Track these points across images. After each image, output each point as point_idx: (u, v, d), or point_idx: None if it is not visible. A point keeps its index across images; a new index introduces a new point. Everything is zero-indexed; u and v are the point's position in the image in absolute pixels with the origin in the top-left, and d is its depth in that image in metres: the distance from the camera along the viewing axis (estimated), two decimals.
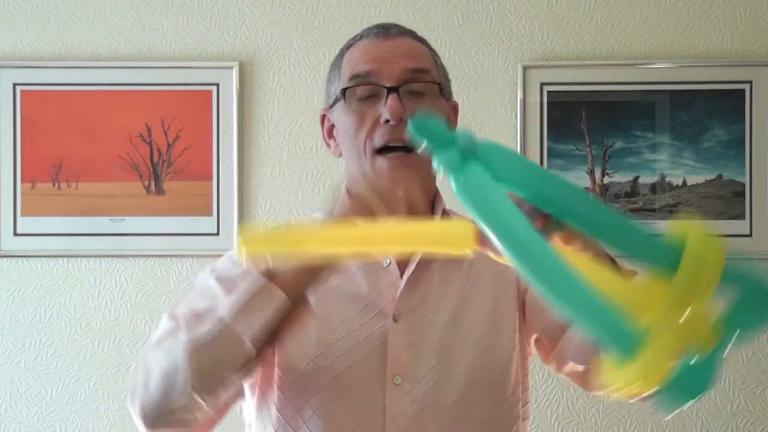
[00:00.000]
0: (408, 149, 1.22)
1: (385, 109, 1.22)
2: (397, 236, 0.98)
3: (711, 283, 0.82)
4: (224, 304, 1.10)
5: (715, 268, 0.82)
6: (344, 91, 1.27)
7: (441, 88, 1.28)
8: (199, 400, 1.10)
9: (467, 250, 0.93)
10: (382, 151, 1.24)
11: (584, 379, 1.26)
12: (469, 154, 0.85)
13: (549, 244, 0.85)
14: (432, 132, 0.86)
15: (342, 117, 1.28)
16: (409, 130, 0.87)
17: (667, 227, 0.86)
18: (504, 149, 0.89)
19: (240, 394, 1.21)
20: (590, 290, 0.82)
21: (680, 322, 0.82)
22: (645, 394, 0.83)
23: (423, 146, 0.86)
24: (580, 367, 1.24)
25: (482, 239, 0.89)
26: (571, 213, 0.86)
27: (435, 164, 0.86)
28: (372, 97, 1.25)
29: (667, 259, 0.82)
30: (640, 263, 0.85)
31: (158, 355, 1.13)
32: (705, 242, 0.82)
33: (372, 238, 0.99)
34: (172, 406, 1.11)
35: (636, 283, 0.88)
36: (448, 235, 0.95)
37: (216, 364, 1.08)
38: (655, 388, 0.81)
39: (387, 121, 1.22)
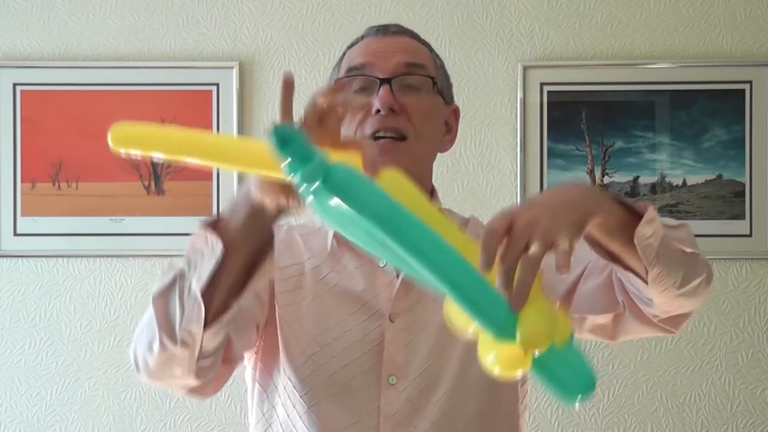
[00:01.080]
0: (399, 138, 1.23)
1: (377, 99, 1.24)
2: (224, 149, 0.94)
3: (542, 348, 0.85)
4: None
5: (545, 340, 0.85)
6: (339, 80, 1.28)
7: (435, 82, 1.29)
8: (175, 351, 1.07)
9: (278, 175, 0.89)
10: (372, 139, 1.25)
11: (608, 331, 1.25)
12: (323, 173, 0.85)
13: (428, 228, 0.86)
14: (295, 143, 0.85)
15: None
16: (271, 137, 0.85)
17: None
18: (357, 176, 0.87)
19: (233, 361, 1.18)
20: (476, 275, 0.86)
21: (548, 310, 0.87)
22: (516, 372, 0.87)
23: (280, 155, 0.85)
24: (600, 319, 1.24)
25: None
26: (416, 246, 0.86)
27: (288, 172, 0.85)
28: (366, 89, 1.27)
29: (503, 323, 0.85)
30: (472, 313, 0.86)
31: (148, 309, 1.12)
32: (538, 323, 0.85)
33: (208, 148, 0.94)
34: (154, 357, 1.09)
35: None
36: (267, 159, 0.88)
37: (175, 314, 1.05)
38: (524, 368, 0.86)
39: (378, 111, 1.24)
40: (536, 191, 2.45)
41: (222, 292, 1.05)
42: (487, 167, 2.47)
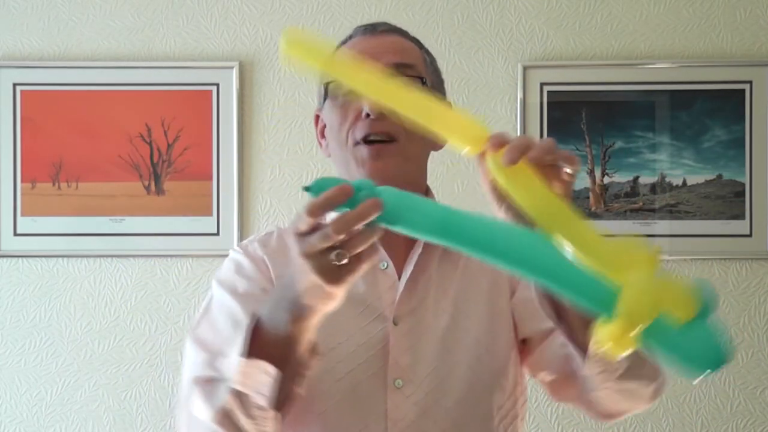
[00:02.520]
0: (389, 140, 1.23)
1: (366, 103, 1.22)
2: (422, 106, 0.95)
3: (646, 323, 0.82)
4: (231, 370, 1.07)
5: (648, 314, 0.81)
6: (327, 85, 1.27)
7: (424, 82, 1.27)
8: None
9: (470, 150, 0.94)
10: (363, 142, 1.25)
11: (552, 389, 1.27)
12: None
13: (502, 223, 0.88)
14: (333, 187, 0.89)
15: (328, 112, 1.29)
16: (311, 195, 0.89)
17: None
18: (404, 193, 0.90)
19: None
20: (561, 258, 0.85)
21: (654, 282, 0.83)
22: (626, 351, 0.83)
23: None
24: (549, 377, 1.25)
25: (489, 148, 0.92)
26: (491, 246, 0.86)
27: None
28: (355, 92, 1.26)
29: (603, 301, 0.83)
30: (571, 298, 0.85)
31: (196, 421, 1.13)
32: (642, 289, 0.82)
33: (401, 98, 0.95)
34: None
35: (613, 242, 0.88)
36: (464, 128, 0.94)
37: (247, 425, 1.08)
38: (632, 346, 0.82)
39: (368, 115, 1.23)
40: None
41: (284, 391, 1.06)
42: None
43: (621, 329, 0.81)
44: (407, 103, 0.95)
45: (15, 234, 2.47)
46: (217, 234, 2.46)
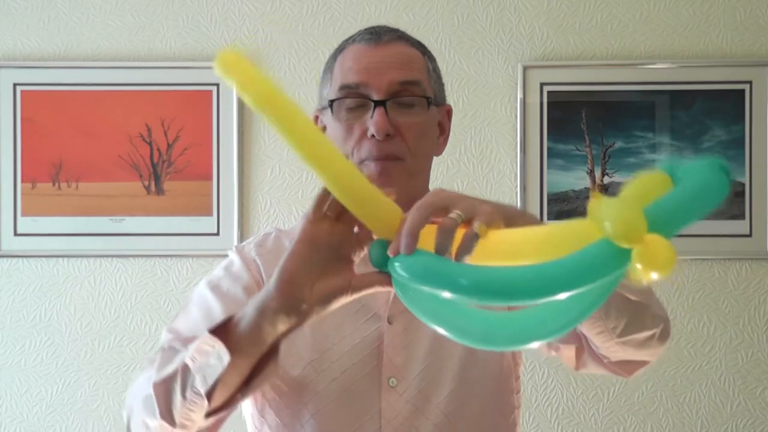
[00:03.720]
0: (396, 159, 1.22)
1: (372, 124, 1.21)
2: (343, 177, 0.91)
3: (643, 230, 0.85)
4: (191, 347, 1.06)
5: (638, 224, 0.84)
6: (332, 102, 1.26)
7: (429, 103, 1.27)
8: (174, 430, 1.07)
9: (380, 234, 0.94)
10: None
11: (573, 362, 1.26)
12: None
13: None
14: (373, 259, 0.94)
15: (331, 124, 1.28)
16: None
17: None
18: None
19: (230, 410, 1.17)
20: (563, 262, 0.84)
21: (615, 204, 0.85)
22: (669, 265, 0.85)
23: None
24: (566, 350, 1.25)
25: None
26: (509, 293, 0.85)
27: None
28: (360, 108, 1.24)
29: (607, 258, 0.84)
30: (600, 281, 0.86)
31: (143, 382, 1.12)
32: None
33: (322, 155, 0.90)
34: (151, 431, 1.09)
35: (569, 223, 0.89)
36: (379, 212, 0.92)
37: (176, 402, 1.05)
38: (669, 256, 0.84)
39: (373, 135, 1.22)
40: (536, 191, 2.45)
41: (226, 392, 1.04)
42: (487, 167, 2.47)
43: (643, 254, 0.82)
44: (327, 170, 0.90)
45: (15, 234, 2.47)
46: (217, 234, 2.46)
